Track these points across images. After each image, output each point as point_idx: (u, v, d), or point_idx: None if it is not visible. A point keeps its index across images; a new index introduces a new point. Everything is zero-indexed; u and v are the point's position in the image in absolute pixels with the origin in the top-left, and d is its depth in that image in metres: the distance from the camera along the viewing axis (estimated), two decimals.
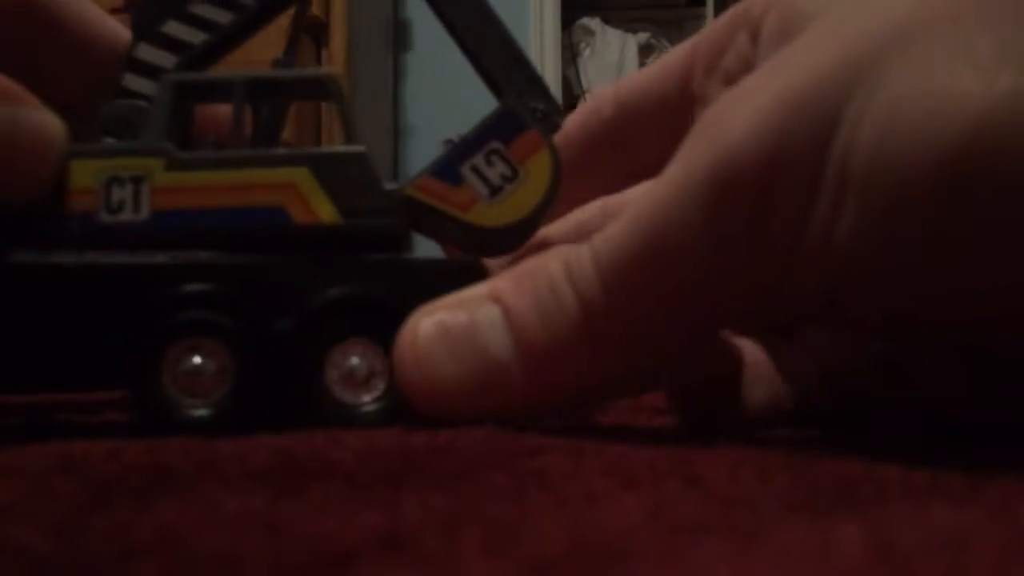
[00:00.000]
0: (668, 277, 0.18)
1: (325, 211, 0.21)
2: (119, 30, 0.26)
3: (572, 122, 0.27)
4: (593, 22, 2.50)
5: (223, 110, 0.23)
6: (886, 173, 0.15)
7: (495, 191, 0.23)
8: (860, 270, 0.16)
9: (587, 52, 2.48)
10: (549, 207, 0.23)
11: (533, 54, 2.10)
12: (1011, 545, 0.10)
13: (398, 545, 0.10)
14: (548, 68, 2.14)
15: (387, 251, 0.22)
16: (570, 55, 2.46)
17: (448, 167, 0.23)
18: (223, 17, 0.23)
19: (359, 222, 0.21)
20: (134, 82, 0.23)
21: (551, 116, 0.24)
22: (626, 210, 0.18)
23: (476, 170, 0.23)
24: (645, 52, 2.49)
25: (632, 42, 2.48)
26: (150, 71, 0.23)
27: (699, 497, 0.12)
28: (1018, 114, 0.14)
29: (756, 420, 0.23)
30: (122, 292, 0.21)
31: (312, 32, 1.69)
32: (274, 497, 0.13)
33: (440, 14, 0.24)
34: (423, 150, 2.04)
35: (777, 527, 0.11)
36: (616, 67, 2.45)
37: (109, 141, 0.22)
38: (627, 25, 2.53)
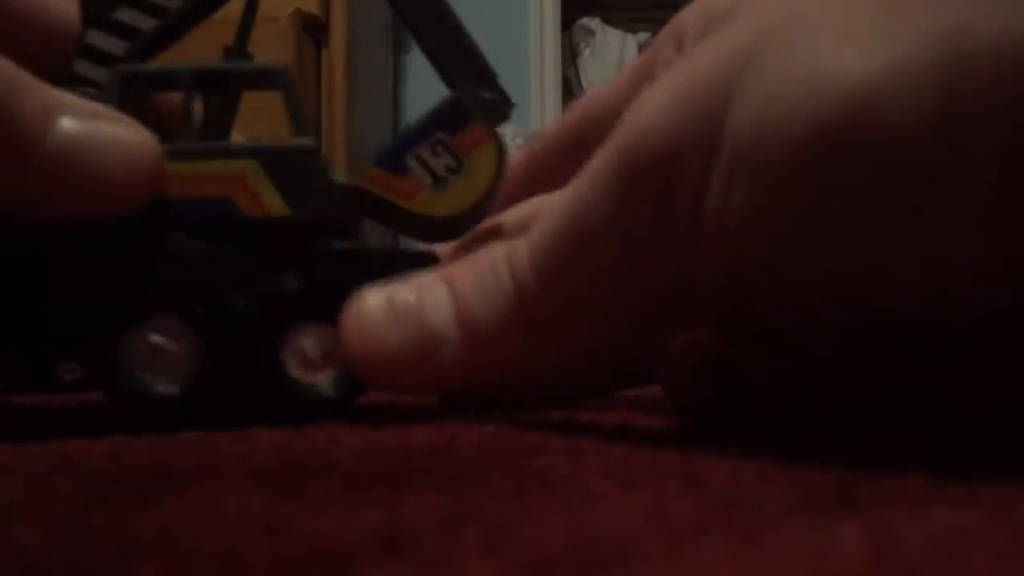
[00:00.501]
0: (587, 263, 0.19)
1: (274, 204, 0.22)
2: (73, 13, 0.26)
3: (550, 129, 0.29)
4: (593, 22, 2.50)
5: (173, 100, 0.24)
6: (768, 150, 0.16)
7: (439, 181, 0.23)
8: (754, 253, 0.17)
9: (587, 52, 2.48)
10: (492, 198, 0.24)
11: (533, 54, 2.10)
12: (1011, 546, 0.10)
13: (398, 545, 0.10)
14: (548, 68, 2.14)
15: (338, 240, 0.23)
16: (570, 55, 2.46)
17: (393, 156, 0.23)
18: (172, 3, 0.23)
19: (307, 214, 0.22)
20: (86, 69, 0.23)
21: (499, 106, 0.24)
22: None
23: (421, 160, 0.23)
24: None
25: (632, 42, 2.48)
26: (101, 58, 0.23)
27: (699, 498, 0.12)
28: (894, 89, 0.14)
29: (752, 421, 0.23)
30: (90, 276, 0.21)
31: (312, 32, 1.69)
32: (274, 497, 0.13)
33: (393, 5, 0.24)
34: None
35: (777, 527, 0.11)
36: (616, 67, 2.45)
37: None
38: (627, 25, 2.53)
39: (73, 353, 0.21)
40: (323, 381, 0.22)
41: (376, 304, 0.21)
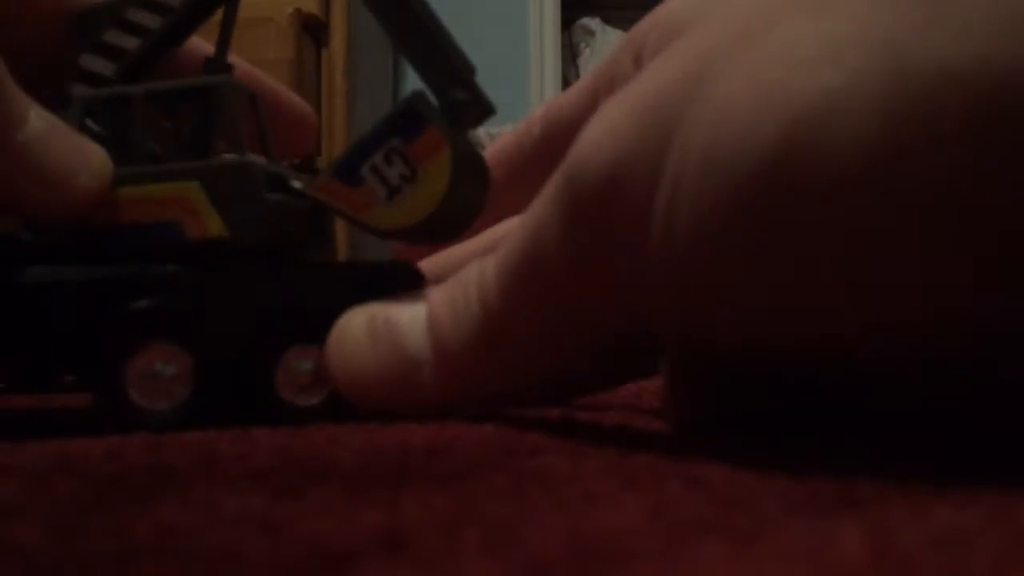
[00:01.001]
0: (543, 287, 0.19)
1: (213, 224, 0.22)
2: None
3: (507, 141, 0.29)
4: (593, 22, 2.50)
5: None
6: (715, 173, 0.15)
7: (393, 192, 0.22)
8: (701, 286, 0.16)
9: (587, 52, 2.48)
10: (450, 205, 0.22)
11: (533, 54, 2.10)
12: (1011, 546, 0.10)
13: (398, 545, 0.10)
14: (548, 68, 2.14)
15: (274, 261, 0.22)
16: (570, 55, 2.46)
17: (348, 167, 0.22)
18: (154, 22, 0.23)
19: (243, 234, 0.22)
20: (79, 91, 0.23)
21: (472, 106, 0.22)
22: None
23: (375, 170, 0.22)
24: None
25: None
26: (93, 80, 0.23)
27: (699, 497, 0.12)
28: (837, 111, 0.14)
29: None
30: (81, 303, 0.21)
31: (312, 32, 1.69)
32: (274, 497, 0.13)
33: (367, 5, 0.23)
34: None
35: (777, 527, 0.11)
36: None
37: None
38: (627, 25, 2.53)
39: (72, 371, 0.21)
40: (314, 402, 0.22)
41: (357, 327, 0.21)
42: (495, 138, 1.73)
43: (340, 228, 0.27)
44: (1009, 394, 0.17)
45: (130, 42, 0.23)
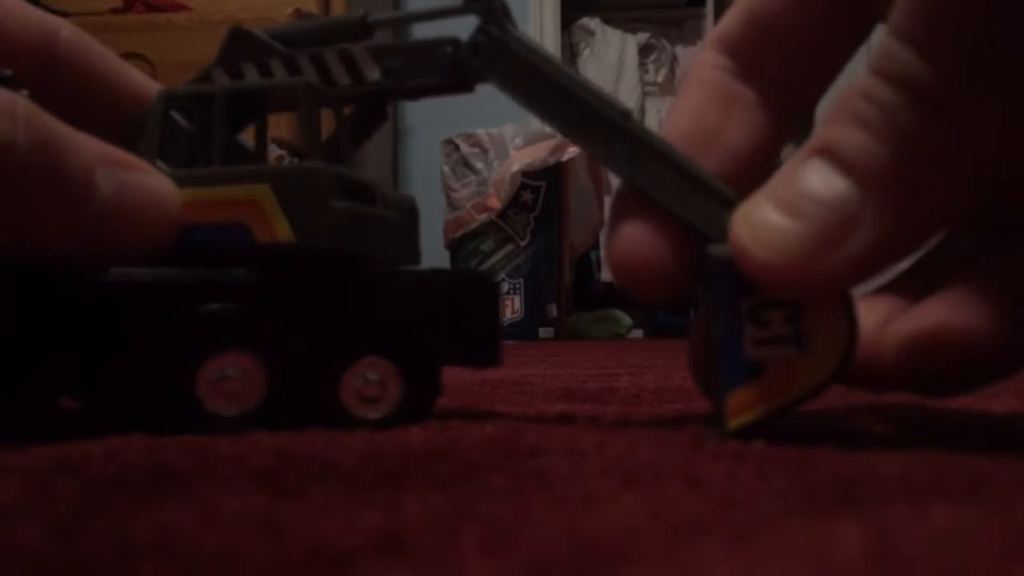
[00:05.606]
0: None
1: (281, 229, 0.21)
2: (142, 80, 0.26)
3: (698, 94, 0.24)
4: (593, 22, 2.49)
5: None
6: None
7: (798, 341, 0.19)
8: None
9: (587, 52, 2.48)
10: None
11: None
12: (1010, 545, 0.10)
13: (398, 545, 0.10)
14: None
15: (342, 268, 0.22)
16: (570, 55, 2.46)
17: (733, 366, 0.19)
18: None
19: (308, 240, 0.21)
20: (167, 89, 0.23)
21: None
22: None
23: (760, 342, 0.19)
24: (645, 52, 2.49)
25: (632, 42, 2.48)
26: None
27: (699, 497, 0.12)
28: None
29: None
30: (156, 307, 0.21)
31: None
32: (274, 497, 0.13)
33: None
34: (423, 150, 2.04)
35: (777, 527, 0.11)
36: (616, 67, 2.45)
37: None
38: (627, 25, 2.52)
39: (147, 386, 0.21)
40: (376, 415, 0.21)
41: (757, 208, 0.18)
42: (495, 138, 1.73)
43: None
44: None
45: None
